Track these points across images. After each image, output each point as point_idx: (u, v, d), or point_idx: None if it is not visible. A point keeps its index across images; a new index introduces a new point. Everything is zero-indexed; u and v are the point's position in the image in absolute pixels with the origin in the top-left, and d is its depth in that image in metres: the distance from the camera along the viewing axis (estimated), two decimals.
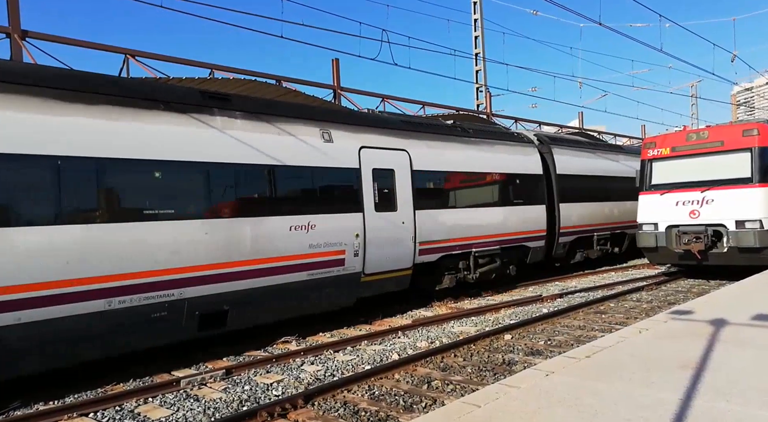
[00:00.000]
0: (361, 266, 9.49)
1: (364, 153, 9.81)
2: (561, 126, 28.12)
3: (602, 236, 16.56)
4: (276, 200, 8.38)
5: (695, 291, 12.26)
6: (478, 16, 23.22)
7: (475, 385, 6.11)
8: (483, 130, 13.24)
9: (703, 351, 5.51)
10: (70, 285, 6.11)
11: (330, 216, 9.03)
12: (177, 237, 7.12)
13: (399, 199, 10.24)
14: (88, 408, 5.83)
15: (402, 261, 10.28)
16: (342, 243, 9.14)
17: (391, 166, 10.21)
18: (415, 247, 10.48)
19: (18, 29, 10.32)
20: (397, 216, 10.17)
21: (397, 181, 10.27)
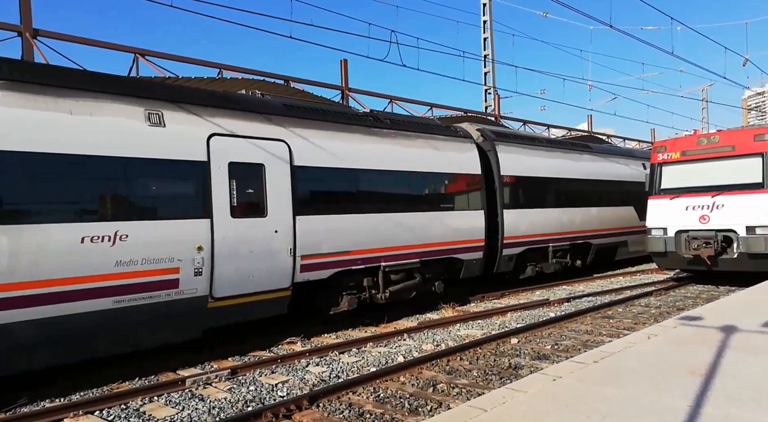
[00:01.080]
0: (206, 288, 7.44)
1: (217, 142, 7.73)
2: (570, 129, 28.01)
3: (560, 247, 14.38)
4: (56, 202, 6.26)
5: (704, 297, 12.14)
6: (488, 17, 23.17)
7: (481, 389, 6.06)
8: (404, 121, 11.24)
9: (713, 357, 5.44)
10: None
11: (152, 224, 6.97)
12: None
13: (271, 202, 8.20)
14: (93, 406, 5.84)
15: (274, 279, 8.22)
16: (174, 258, 7.08)
17: (259, 159, 8.16)
18: (294, 262, 8.42)
19: (29, 28, 10.40)
20: (267, 224, 8.14)
21: (268, 179, 8.21)
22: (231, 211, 7.77)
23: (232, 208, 7.80)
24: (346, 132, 9.66)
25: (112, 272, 6.58)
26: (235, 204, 7.85)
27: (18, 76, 6.25)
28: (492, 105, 23.08)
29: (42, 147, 6.19)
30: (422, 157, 10.87)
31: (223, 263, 7.60)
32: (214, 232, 7.52)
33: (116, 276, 6.61)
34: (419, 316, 10.73)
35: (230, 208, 7.77)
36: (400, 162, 10.39)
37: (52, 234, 6.14)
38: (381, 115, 10.85)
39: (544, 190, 14.04)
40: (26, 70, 6.51)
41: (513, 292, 13.15)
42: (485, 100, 23.40)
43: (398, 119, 11.19)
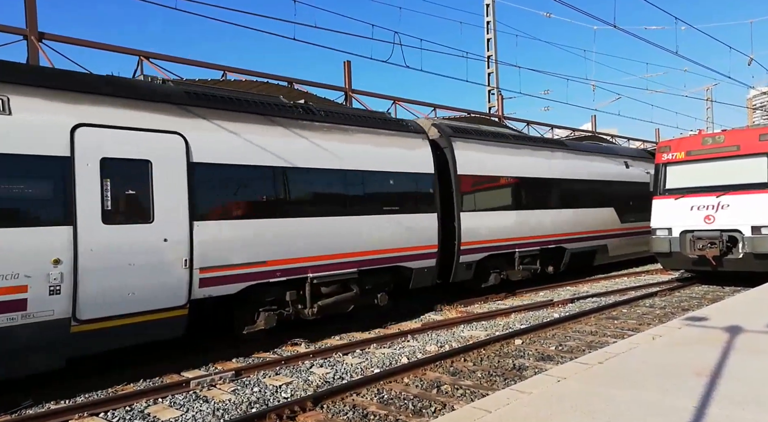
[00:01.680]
0: (67, 309, 6.26)
1: (85, 134, 6.56)
2: (573, 129, 27.96)
3: (527, 253, 13.16)
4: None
5: (710, 297, 12.08)
6: (491, 18, 23.16)
7: (485, 390, 6.05)
8: (342, 114, 9.97)
9: (718, 358, 5.42)
10: None
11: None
12: None
13: (159, 205, 7.02)
14: (98, 407, 5.86)
15: (164, 296, 7.03)
16: (20, 274, 5.94)
17: (144, 155, 6.99)
18: (191, 275, 7.27)
19: (35, 31, 10.46)
20: (154, 231, 6.96)
21: (156, 178, 7.04)
22: (103, 217, 6.58)
23: (105, 213, 6.60)
24: (264, 124, 8.44)
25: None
26: (109, 208, 6.65)
27: None
28: (495, 105, 23.05)
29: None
30: (362, 154, 9.67)
31: (90, 279, 6.40)
32: (78, 242, 6.33)
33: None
34: (423, 317, 10.72)
35: (102, 212, 6.58)
36: (334, 159, 9.18)
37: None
38: (315, 107, 9.64)
39: (510, 191, 12.87)
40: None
41: (517, 293, 13.12)
42: (489, 101, 23.38)
43: (335, 111, 9.93)
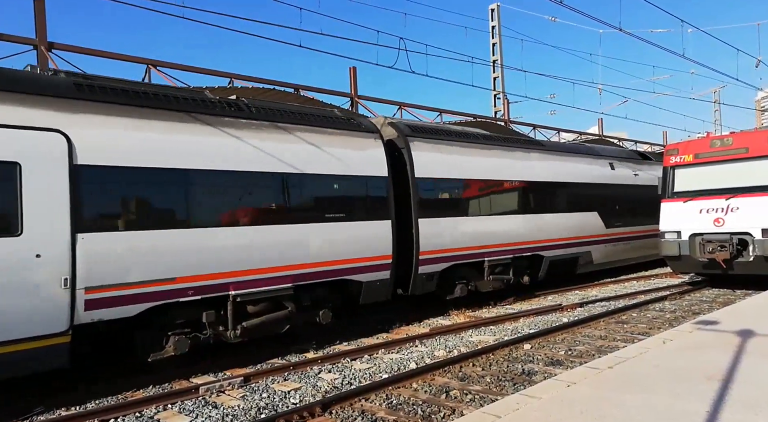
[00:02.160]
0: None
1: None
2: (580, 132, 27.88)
3: (499, 261, 12.04)
4: None
5: (720, 301, 11.97)
6: (496, 23, 23.20)
7: (494, 395, 6.03)
8: (279, 110, 8.87)
9: (730, 362, 5.37)
10: None
11: None
12: None
13: (30, 215, 6.04)
14: (108, 414, 5.88)
15: (37, 322, 6.01)
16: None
17: (11, 156, 6.01)
18: (73, 297, 6.26)
19: (44, 41, 10.60)
20: (21, 245, 5.97)
21: (26, 183, 6.06)
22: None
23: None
24: (174, 121, 7.41)
25: None
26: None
27: None
28: (501, 110, 23.05)
29: None
30: (301, 155, 8.62)
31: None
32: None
33: None
34: (431, 322, 10.70)
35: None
36: (266, 160, 8.16)
37: None
38: (246, 103, 8.63)
39: (477, 195, 11.72)
40: None
41: (525, 298, 13.06)
42: (495, 105, 23.39)
43: (271, 107, 8.82)
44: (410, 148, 10.59)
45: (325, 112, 9.81)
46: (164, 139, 7.22)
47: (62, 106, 6.47)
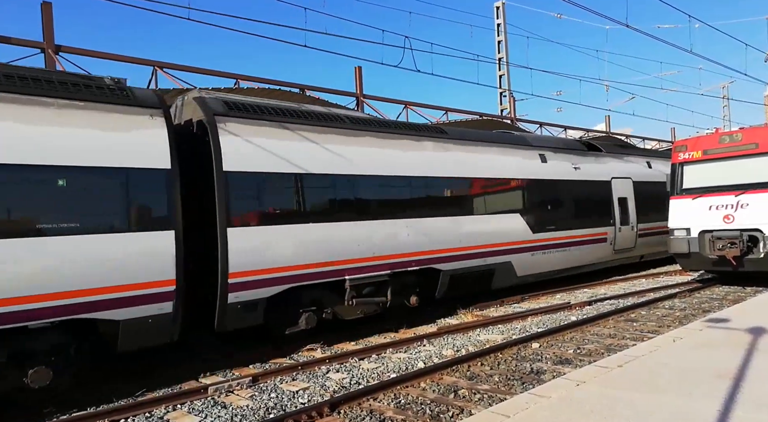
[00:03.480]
0: None
1: None
2: (587, 130, 27.74)
3: (367, 280, 9.38)
4: None
5: (730, 298, 11.87)
6: (501, 20, 23.11)
7: (503, 395, 6.01)
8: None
9: (741, 361, 5.32)
10: None
11: None
12: None
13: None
14: (118, 414, 5.92)
15: None
16: None
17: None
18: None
19: (52, 44, 10.67)
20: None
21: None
22: None
23: None
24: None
25: None
26: None
27: None
28: (508, 108, 22.97)
29: None
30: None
31: None
32: None
33: None
34: (439, 322, 10.68)
35: None
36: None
37: None
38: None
39: (333, 195, 9.15)
40: None
41: (533, 296, 13.02)
42: (500, 103, 23.31)
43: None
44: (218, 132, 7.94)
45: (68, 76, 7.03)
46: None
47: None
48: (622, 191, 15.79)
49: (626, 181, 16.11)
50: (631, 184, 16.24)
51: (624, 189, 15.88)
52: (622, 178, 15.98)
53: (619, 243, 15.53)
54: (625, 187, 15.95)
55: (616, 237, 15.34)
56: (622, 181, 15.94)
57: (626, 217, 15.75)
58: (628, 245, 15.90)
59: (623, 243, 15.68)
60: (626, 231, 15.73)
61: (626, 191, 15.96)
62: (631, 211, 15.99)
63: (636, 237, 16.19)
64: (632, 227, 15.99)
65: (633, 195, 16.18)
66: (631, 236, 16.01)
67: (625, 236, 15.68)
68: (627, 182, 16.12)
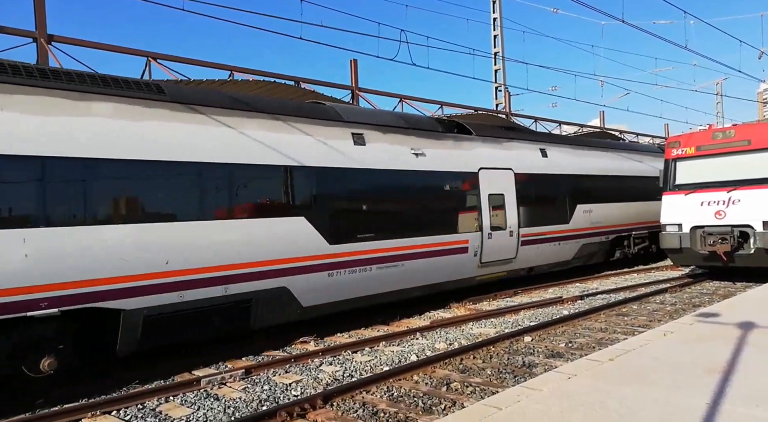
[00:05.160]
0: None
1: None
2: (582, 125, 27.79)
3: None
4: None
5: (721, 293, 11.99)
6: (497, 14, 23.06)
7: (495, 387, 6.05)
8: None
9: (731, 355, 5.37)
10: None
11: None
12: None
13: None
14: (111, 406, 5.91)
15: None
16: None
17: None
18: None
19: (44, 34, 10.54)
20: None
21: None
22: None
23: None
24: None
25: None
26: None
27: None
28: (503, 102, 22.97)
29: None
30: None
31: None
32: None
33: None
34: (431, 315, 10.71)
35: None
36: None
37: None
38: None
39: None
40: None
41: (525, 290, 13.08)
42: (496, 98, 23.30)
43: None
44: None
45: None
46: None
47: None
48: (497, 186, 12.04)
49: (504, 173, 12.31)
50: (511, 178, 12.44)
51: (500, 183, 12.12)
52: (499, 169, 12.20)
53: (489, 254, 11.72)
54: (501, 180, 12.18)
55: (484, 246, 11.53)
56: (498, 173, 12.14)
57: (501, 220, 12.02)
58: (504, 255, 12.13)
59: (496, 253, 11.90)
60: (501, 237, 11.96)
61: (503, 186, 12.19)
62: (511, 211, 12.26)
63: (518, 245, 12.43)
64: (511, 232, 12.20)
65: (515, 191, 12.44)
66: (510, 244, 12.23)
67: (498, 244, 11.90)
68: (505, 175, 12.33)
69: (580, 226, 14.40)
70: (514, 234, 12.35)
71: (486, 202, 11.72)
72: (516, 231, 12.39)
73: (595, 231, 15.09)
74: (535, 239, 13.00)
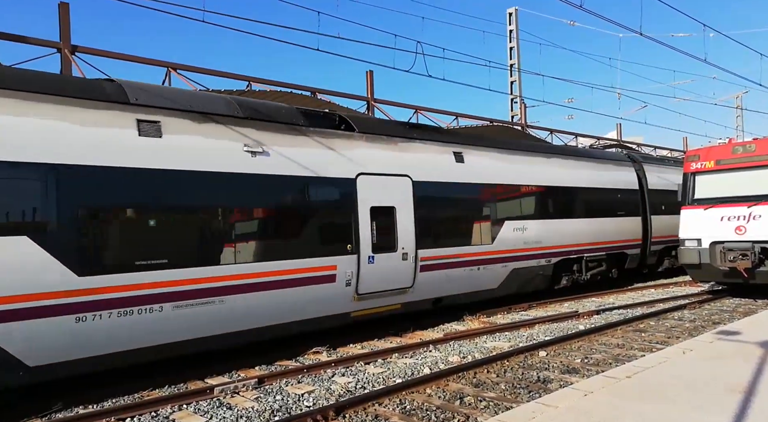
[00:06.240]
0: None
1: None
2: (598, 137, 27.61)
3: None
4: None
5: (741, 310, 11.74)
6: (514, 27, 23.11)
7: (509, 403, 5.97)
8: None
9: (753, 374, 5.25)
10: None
11: None
12: None
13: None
14: (125, 413, 5.95)
15: None
16: None
17: None
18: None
19: (68, 44, 10.80)
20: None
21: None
22: None
23: None
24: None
25: None
26: None
27: None
28: (518, 114, 22.93)
29: None
30: None
31: None
32: None
33: None
34: (445, 327, 10.64)
35: None
36: None
37: None
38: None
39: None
40: None
41: (541, 304, 12.94)
42: (512, 110, 23.27)
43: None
44: None
45: None
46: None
47: None
48: (386, 197, 9.54)
49: (398, 181, 9.80)
50: (408, 187, 9.92)
51: (390, 194, 9.63)
52: (389, 175, 9.70)
53: (371, 283, 9.24)
54: (393, 190, 9.69)
55: (362, 273, 9.05)
56: (388, 181, 9.65)
57: (390, 239, 9.55)
58: (394, 284, 9.62)
59: (381, 281, 9.41)
60: (389, 261, 9.50)
61: (396, 197, 9.69)
62: (405, 229, 9.74)
63: (415, 270, 9.88)
64: (404, 255, 9.71)
65: (413, 204, 9.91)
66: (403, 270, 9.71)
67: (384, 270, 9.42)
68: (399, 183, 9.81)
69: (510, 247, 11.77)
70: (410, 257, 9.78)
71: (366, 217, 9.16)
72: (412, 253, 9.82)
73: (531, 253, 12.31)
74: (441, 263, 10.37)
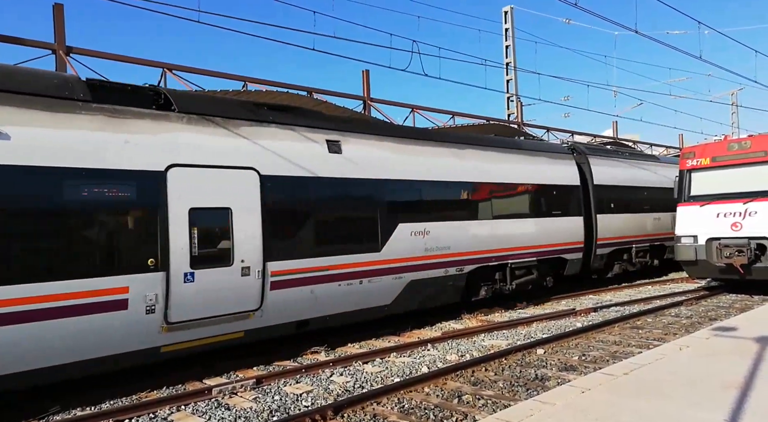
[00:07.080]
0: None
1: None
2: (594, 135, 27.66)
3: None
4: None
5: (738, 306, 11.78)
6: (509, 25, 23.12)
7: (507, 401, 5.98)
8: None
9: (749, 370, 5.27)
10: None
11: None
12: None
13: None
14: (123, 414, 5.93)
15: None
16: None
17: None
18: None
19: (63, 46, 10.75)
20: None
21: None
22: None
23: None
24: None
25: None
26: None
27: None
28: (515, 112, 22.96)
29: None
30: None
31: None
32: None
33: None
34: (443, 326, 10.65)
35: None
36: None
37: None
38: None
39: None
40: None
41: (538, 302, 12.96)
42: (508, 108, 23.30)
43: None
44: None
45: None
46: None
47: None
48: (217, 196, 7.58)
49: (237, 175, 7.83)
50: (255, 183, 7.99)
51: (224, 191, 7.66)
52: (222, 167, 7.69)
53: (192, 307, 7.20)
54: (228, 187, 7.72)
55: (173, 295, 7.00)
56: (220, 176, 7.65)
57: (224, 249, 7.60)
58: (230, 308, 7.58)
59: (208, 304, 7.36)
60: (221, 278, 7.48)
61: (233, 196, 7.73)
62: (247, 236, 7.79)
63: (263, 288, 7.90)
64: (245, 269, 7.72)
65: (260, 204, 7.98)
66: (243, 288, 7.71)
67: (213, 289, 7.39)
68: (240, 178, 7.86)
69: (405, 255, 9.74)
70: (254, 271, 7.80)
71: (182, 221, 7.18)
72: (258, 266, 7.85)
73: (435, 261, 10.28)
74: (304, 278, 8.39)
